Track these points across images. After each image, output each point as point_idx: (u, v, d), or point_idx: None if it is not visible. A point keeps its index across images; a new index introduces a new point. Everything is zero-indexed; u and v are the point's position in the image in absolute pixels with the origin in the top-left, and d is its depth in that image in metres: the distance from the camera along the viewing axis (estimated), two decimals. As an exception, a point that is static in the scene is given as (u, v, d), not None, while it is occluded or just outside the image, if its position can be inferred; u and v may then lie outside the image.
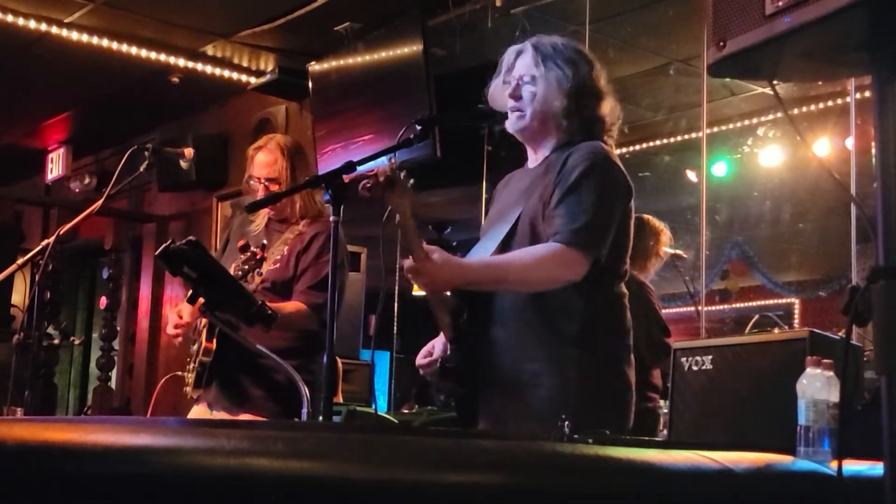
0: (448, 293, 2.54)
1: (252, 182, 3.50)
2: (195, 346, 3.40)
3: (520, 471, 1.51)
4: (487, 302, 2.52)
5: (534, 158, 2.65)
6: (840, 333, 2.59)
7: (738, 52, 1.43)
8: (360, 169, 2.40)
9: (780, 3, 1.35)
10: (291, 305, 3.23)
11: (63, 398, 8.55)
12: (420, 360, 2.63)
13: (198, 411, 3.39)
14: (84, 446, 1.25)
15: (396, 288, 6.36)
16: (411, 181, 2.36)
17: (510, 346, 2.48)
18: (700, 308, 5.27)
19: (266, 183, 3.45)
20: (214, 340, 3.22)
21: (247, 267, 3.06)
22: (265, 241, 3.27)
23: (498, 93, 2.61)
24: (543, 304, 2.45)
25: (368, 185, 2.32)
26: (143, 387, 7.28)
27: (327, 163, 5.54)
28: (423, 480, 1.41)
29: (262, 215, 3.50)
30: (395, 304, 6.51)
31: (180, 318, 3.20)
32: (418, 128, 2.39)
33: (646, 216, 4.72)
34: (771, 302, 8.90)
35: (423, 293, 2.49)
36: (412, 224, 2.35)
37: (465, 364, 2.52)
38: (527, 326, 2.47)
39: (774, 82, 1.49)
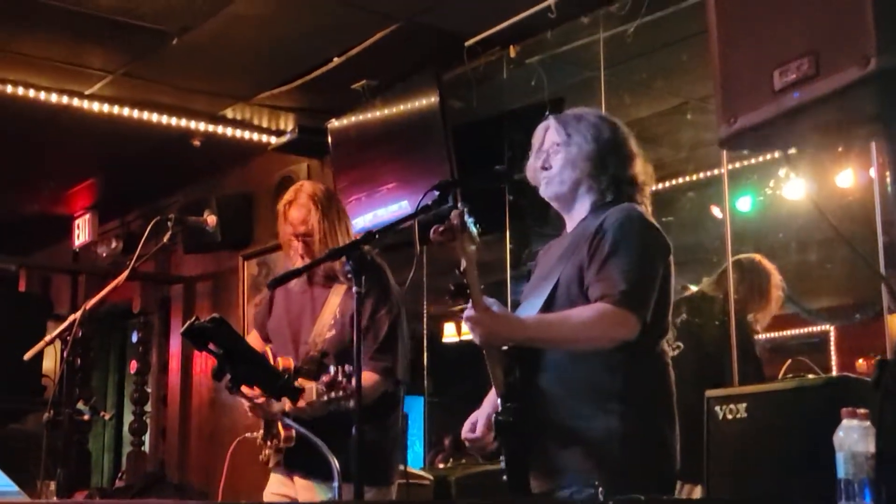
0: (504, 347, 2.52)
1: (287, 238, 3.42)
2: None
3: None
4: (537, 358, 2.53)
5: (570, 225, 2.70)
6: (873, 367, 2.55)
7: (750, 128, 1.42)
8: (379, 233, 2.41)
9: (789, 80, 1.34)
10: (365, 378, 3.13)
11: (98, 463, 8.55)
12: (466, 433, 2.63)
13: (278, 480, 3.34)
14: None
15: (425, 333, 6.33)
16: (477, 229, 2.37)
17: (560, 401, 2.49)
18: (732, 346, 5.19)
19: (303, 239, 3.38)
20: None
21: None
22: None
23: (533, 170, 2.70)
24: (588, 361, 2.48)
25: (441, 229, 2.33)
26: (177, 449, 7.28)
27: (352, 213, 5.52)
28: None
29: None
30: (424, 351, 6.47)
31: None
32: (436, 193, 2.41)
33: (756, 256, 4.64)
34: (805, 330, 8.75)
35: (473, 341, 2.46)
36: (475, 273, 2.35)
37: (520, 419, 2.49)
38: (573, 382, 2.48)
39: (790, 151, 1.48)
